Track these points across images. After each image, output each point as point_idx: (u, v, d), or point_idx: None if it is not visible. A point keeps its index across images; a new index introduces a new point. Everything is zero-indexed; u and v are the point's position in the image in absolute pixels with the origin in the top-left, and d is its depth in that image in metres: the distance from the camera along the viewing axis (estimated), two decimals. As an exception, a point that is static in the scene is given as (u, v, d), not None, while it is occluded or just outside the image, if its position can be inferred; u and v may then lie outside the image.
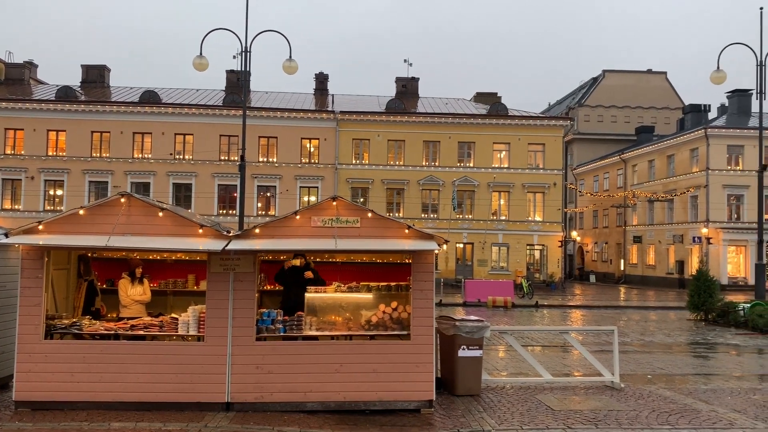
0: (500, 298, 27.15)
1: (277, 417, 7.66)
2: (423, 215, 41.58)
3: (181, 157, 41.20)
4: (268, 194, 41.56)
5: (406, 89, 47.62)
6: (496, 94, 48.59)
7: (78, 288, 9.31)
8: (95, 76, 46.47)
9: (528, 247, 42.81)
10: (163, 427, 7.12)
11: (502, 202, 42.67)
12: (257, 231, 8.07)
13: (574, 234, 59.43)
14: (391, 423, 7.64)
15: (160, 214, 8.00)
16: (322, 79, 48.38)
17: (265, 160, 41.39)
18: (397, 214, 40.48)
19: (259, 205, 41.42)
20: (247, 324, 7.99)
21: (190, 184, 41.09)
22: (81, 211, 7.97)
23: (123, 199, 7.99)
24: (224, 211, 40.78)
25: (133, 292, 9.23)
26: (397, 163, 42.25)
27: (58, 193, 40.74)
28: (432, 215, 42.01)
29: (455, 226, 40.63)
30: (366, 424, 7.55)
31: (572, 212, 58.61)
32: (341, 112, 41.81)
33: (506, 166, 42.53)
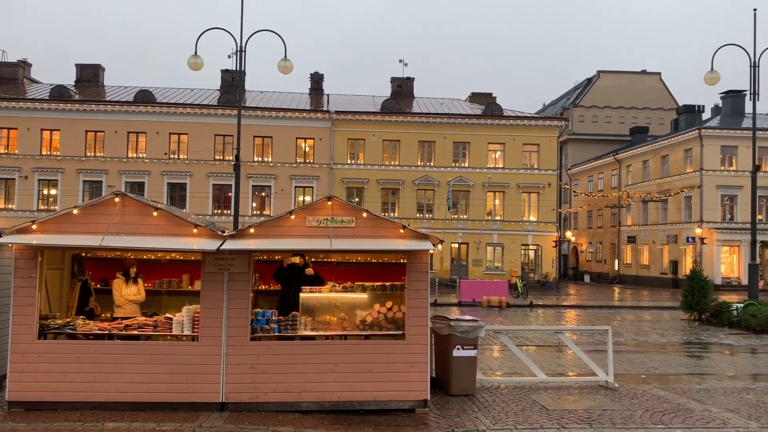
0: (495, 298, 27.19)
1: (272, 417, 7.65)
2: (418, 215, 41.61)
3: (176, 157, 41.09)
4: (263, 194, 41.51)
5: (402, 89, 47.66)
6: (491, 94, 48.68)
7: (72, 288, 9.28)
8: (89, 76, 46.34)
9: (523, 247, 42.90)
10: (157, 427, 7.10)
11: (497, 202, 42.76)
12: (252, 231, 8.06)
13: (569, 234, 59.55)
14: (386, 423, 7.64)
15: (155, 214, 7.99)
16: (317, 79, 48.36)
17: (260, 159, 41.33)
18: (392, 214, 40.48)
19: (254, 205, 41.37)
20: (241, 324, 7.98)
21: (185, 184, 40.99)
22: (75, 211, 7.94)
23: (117, 199, 7.97)
24: (219, 211, 40.71)
25: (128, 292, 9.21)
26: (392, 163, 42.26)
27: (52, 192, 40.59)
28: (427, 215, 42.03)
29: (450, 226, 40.65)
30: (361, 424, 7.55)
31: (567, 212, 58.76)
32: (336, 112, 41.79)
33: (501, 166, 42.60)
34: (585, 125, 60.27)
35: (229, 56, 37.11)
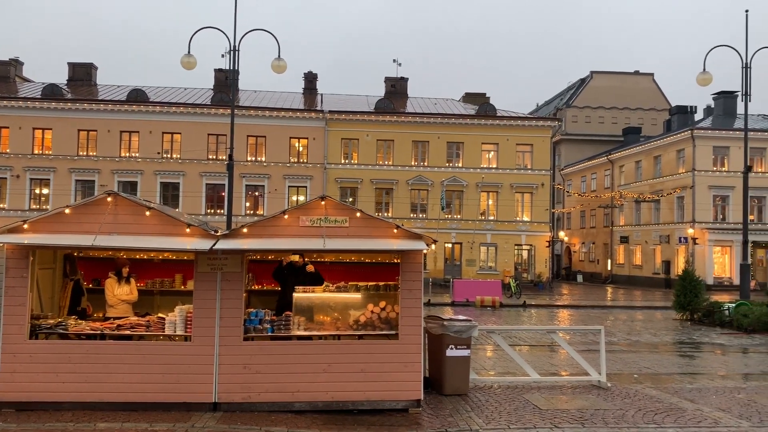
0: (488, 298, 27.23)
1: (265, 417, 7.63)
2: (412, 215, 41.63)
3: (169, 156, 40.97)
4: (257, 194, 41.43)
5: (396, 89, 47.67)
6: (485, 94, 48.78)
7: (64, 287, 9.24)
8: (82, 74, 46.12)
9: (516, 247, 42.99)
10: (149, 427, 7.07)
11: (491, 202, 42.83)
12: (245, 230, 8.04)
13: (562, 234, 59.72)
14: (379, 423, 7.64)
15: (147, 214, 7.95)
16: (311, 79, 48.32)
17: (254, 159, 41.25)
18: (385, 214, 40.50)
19: (248, 205, 41.29)
20: (234, 324, 7.96)
21: (178, 183, 40.86)
22: (67, 210, 7.90)
23: (110, 198, 7.93)
24: (212, 211, 40.60)
25: (120, 292, 9.17)
26: (386, 162, 42.26)
27: (44, 191, 40.37)
28: (421, 215, 42.06)
29: (444, 226, 40.71)
30: (354, 424, 7.55)
31: (560, 212, 58.90)
32: (330, 112, 41.76)
33: (494, 166, 42.68)
34: (578, 125, 60.47)
35: (223, 55, 36.88)
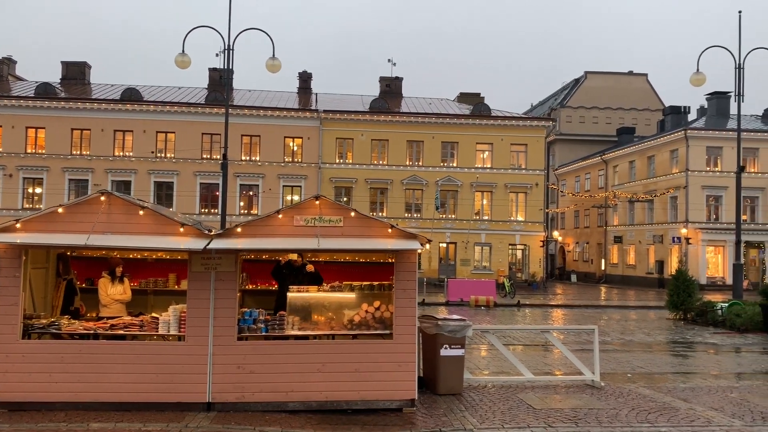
0: (483, 298, 27.26)
1: (259, 417, 7.62)
2: (406, 215, 41.63)
3: (163, 156, 40.85)
4: (251, 193, 41.35)
5: (390, 89, 47.68)
6: (479, 94, 48.89)
7: (57, 287, 9.19)
8: (76, 73, 45.90)
9: (510, 247, 43.05)
10: (143, 427, 7.05)
11: (485, 202, 42.88)
12: (239, 230, 8.03)
13: (556, 234, 59.86)
14: (373, 422, 7.64)
15: (141, 213, 7.93)
16: (305, 78, 48.28)
17: (248, 158, 41.17)
18: (380, 214, 40.48)
19: (242, 204, 41.21)
20: (228, 323, 7.94)
21: (172, 183, 40.74)
22: (60, 210, 7.87)
23: (103, 198, 7.90)
24: (206, 210, 40.51)
25: (113, 292, 9.14)
26: (381, 162, 42.26)
27: (37, 191, 40.19)
28: (415, 215, 42.08)
29: (438, 225, 40.75)
30: (348, 424, 7.54)
31: (554, 212, 59.03)
32: (325, 111, 41.72)
33: (489, 166, 42.74)
34: (572, 126, 60.61)
35: (217, 54, 36.80)
